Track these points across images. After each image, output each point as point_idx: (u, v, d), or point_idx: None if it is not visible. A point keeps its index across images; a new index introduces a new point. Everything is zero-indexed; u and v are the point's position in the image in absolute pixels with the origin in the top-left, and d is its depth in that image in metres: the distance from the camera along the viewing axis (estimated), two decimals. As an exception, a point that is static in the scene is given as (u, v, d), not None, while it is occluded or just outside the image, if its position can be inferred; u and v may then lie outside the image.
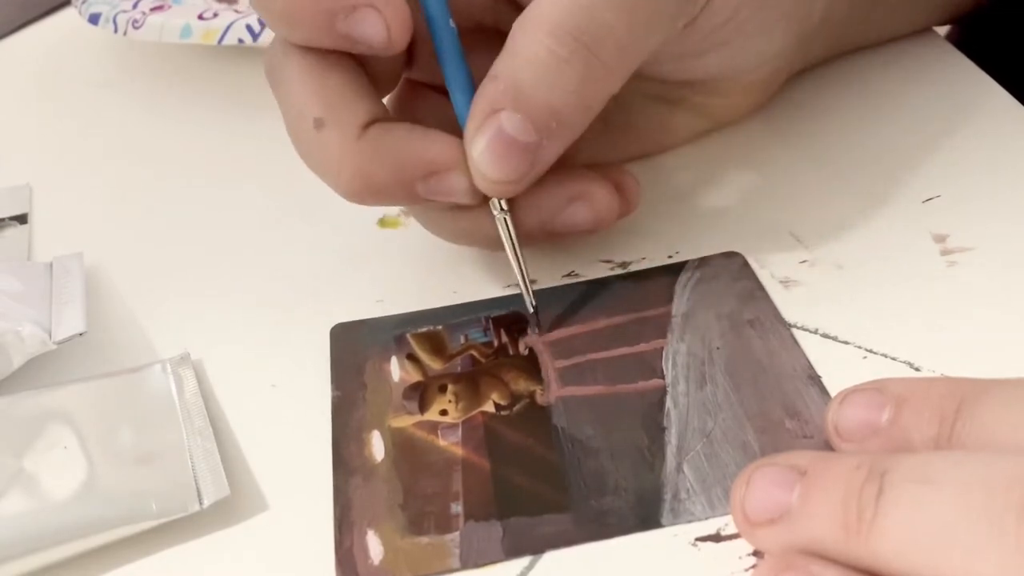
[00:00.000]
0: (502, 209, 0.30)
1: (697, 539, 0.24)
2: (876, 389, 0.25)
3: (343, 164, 0.28)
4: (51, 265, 0.34)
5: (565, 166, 0.30)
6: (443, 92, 0.30)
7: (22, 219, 0.40)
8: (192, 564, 0.26)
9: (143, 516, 0.26)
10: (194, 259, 0.36)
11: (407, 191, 0.29)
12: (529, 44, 0.27)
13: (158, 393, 0.29)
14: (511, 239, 0.30)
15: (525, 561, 0.24)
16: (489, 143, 0.27)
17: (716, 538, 0.24)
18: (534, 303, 0.31)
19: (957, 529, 0.20)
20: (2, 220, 0.39)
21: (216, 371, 0.31)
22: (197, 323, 0.33)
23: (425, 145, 0.29)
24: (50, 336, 0.31)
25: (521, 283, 0.31)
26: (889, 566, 0.21)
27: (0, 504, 0.26)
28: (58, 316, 0.32)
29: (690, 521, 0.25)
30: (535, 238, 0.31)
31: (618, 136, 0.36)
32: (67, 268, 0.34)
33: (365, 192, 0.29)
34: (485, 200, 0.30)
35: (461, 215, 0.31)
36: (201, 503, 0.26)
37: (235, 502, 0.27)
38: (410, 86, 0.33)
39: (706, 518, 0.25)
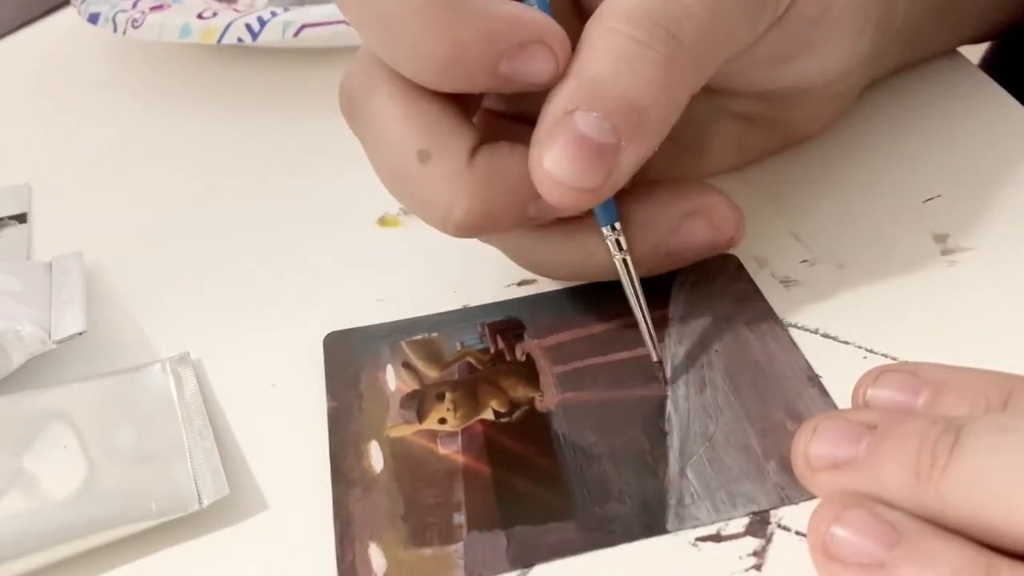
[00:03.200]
0: (621, 248, 0.27)
1: (697, 539, 0.24)
2: (911, 372, 0.25)
3: (456, 195, 0.25)
4: (51, 264, 0.34)
5: (675, 180, 0.28)
6: (524, 121, 0.27)
7: (21, 218, 0.39)
8: (191, 564, 0.25)
9: (142, 516, 0.25)
10: (194, 259, 0.36)
11: (520, 214, 0.26)
12: (603, 34, 0.24)
13: (158, 393, 0.29)
14: (632, 283, 0.28)
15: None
16: (564, 147, 0.24)
17: (716, 538, 0.24)
18: (659, 355, 0.28)
19: None
20: (1, 219, 0.39)
21: (216, 371, 0.31)
22: (197, 323, 0.33)
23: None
24: (50, 335, 0.31)
25: (645, 333, 0.28)
26: (957, 509, 0.20)
27: (0, 503, 0.26)
28: (58, 316, 0.31)
29: (695, 526, 0.24)
30: (649, 265, 0.29)
31: (690, 157, 0.33)
32: (67, 268, 0.34)
33: (481, 220, 0.26)
34: (589, 216, 0.27)
35: (567, 245, 0.29)
36: (201, 503, 0.26)
37: (235, 502, 0.26)
38: (491, 116, 0.30)
39: (711, 523, 0.24)
